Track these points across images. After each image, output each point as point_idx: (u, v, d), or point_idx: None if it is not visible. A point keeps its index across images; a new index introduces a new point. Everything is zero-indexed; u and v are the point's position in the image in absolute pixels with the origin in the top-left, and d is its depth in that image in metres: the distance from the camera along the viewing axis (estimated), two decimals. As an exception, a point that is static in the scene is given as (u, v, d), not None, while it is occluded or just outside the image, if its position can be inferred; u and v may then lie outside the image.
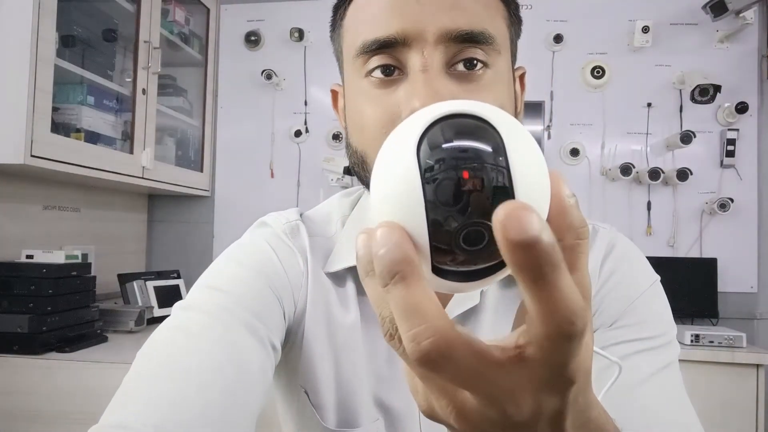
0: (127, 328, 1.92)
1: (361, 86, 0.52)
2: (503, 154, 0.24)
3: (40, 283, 1.60)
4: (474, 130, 0.25)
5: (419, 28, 0.47)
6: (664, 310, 0.60)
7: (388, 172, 0.26)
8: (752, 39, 2.40)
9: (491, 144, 0.25)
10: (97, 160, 1.87)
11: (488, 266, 0.26)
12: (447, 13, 0.48)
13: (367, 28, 0.50)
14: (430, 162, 0.25)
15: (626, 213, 2.45)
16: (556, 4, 2.53)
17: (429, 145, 0.25)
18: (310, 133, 2.65)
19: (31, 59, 1.57)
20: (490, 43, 0.49)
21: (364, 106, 0.51)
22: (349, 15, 0.53)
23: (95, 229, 2.33)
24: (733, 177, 2.39)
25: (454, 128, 0.25)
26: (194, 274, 2.93)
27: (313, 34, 2.65)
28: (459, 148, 0.25)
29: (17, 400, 1.51)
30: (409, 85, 0.48)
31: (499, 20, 0.52)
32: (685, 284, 2.33)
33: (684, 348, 2.01)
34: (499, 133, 0.25)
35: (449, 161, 0.24)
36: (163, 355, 0.47)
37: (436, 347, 0.23)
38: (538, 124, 2.47)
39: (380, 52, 0.49)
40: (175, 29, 2.46)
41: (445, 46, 0.48)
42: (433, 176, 0.24)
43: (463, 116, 0.26)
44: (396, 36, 0.48)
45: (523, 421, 0.25)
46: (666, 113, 2.45)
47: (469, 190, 0.24)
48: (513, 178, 0.24)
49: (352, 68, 0.53)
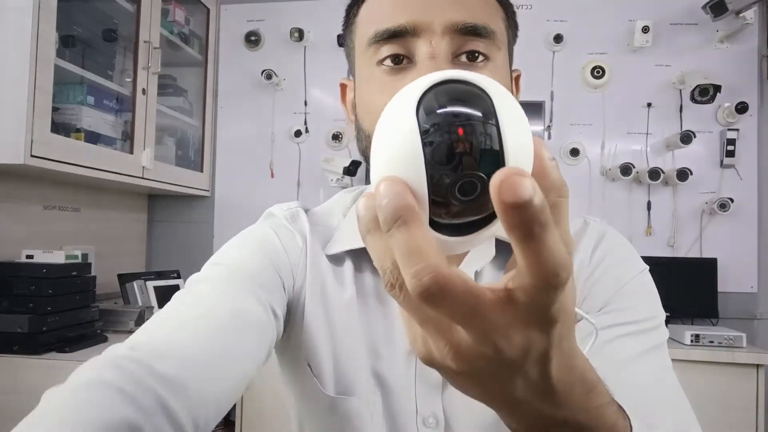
0: (127, 328, 1.91)
1: (372, 73, 0.55)
2: (494, 116, 0.27)
3: (40, 283, 1.60)
4: (470, 94, 0.28)
5: (428, 20, 0.52)
6: (652, 296, 0.62)
7: (390, 133, 0.28)
8: (752, 39, 2.40)
9: (485, 106, 0.27)
10: (97, 160, 1.88)
11: (479, 219, 0.29)
12: (453, 8, 0.52)
13: (379, 20, 0.54)
14: (429, 122, 0.27)
15: (626, 213, 2.45)
16: (556, 4, 2.53)
17: (428, 108, 0.27)
18: (310, 133, 2.65)
19: (31, 59, 1.57)
20: (492, 37, 0.53)
21: (375, 91, 0.55)
22: (362, 12, 0.58)
23: (95, 229, 2.33)
24: (733, 177, 2.39)
25: (452, 92, 0.28)
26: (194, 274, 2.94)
27: (313, 34, 2.65)
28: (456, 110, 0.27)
29: (17, 400, 1.51)
30: (418, 72, 0.52)
31: (499, 20, 0.57)
32: (685, 284, 2.33)
33: (684, 348, 2.01)
34: (491, 98, 0.28)
35: (448, 120, 0.27)
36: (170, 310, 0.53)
37: (435, 282, 0.25)
38: (538, 124, 2.47)
39: (391, 41, 0.53)
40: (175, 29, 2.46)
41: (450, 38, 0.52)
42: (431, 137, 0.27)
43: (460, 82, 0.29)
44: (406, 26, 0.52)
45: (514, 357, 0.28)
46: (666, 113, 2.45)
47: (465, 146, 0.27)
48: (503, 138, 0.27)
49: (364, 57, 0.56)
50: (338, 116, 2.64)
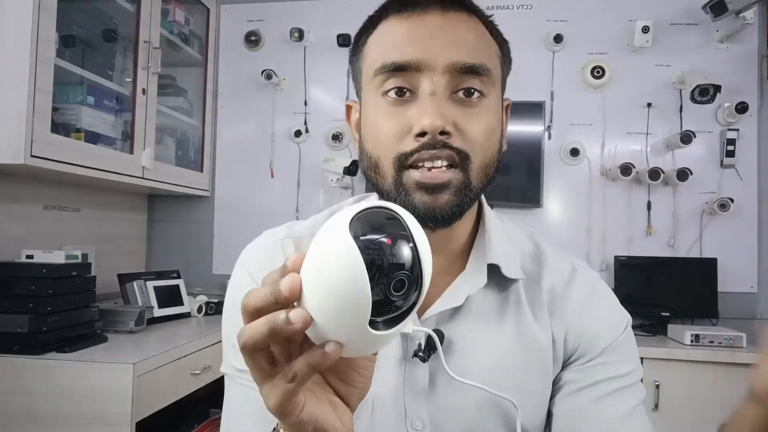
0: (127, 328, 1.91)
1: (378, 102, 0.60)
2: (410, 234, 0.37)
3: (40, 283, 1.59)
4: (389, 218, 0.38)
5: (430, 59, 0.56)
6: (635, 349, 0.69)
7: (328, 254, 0.36)
8: (752, 39, 2.40)
9: (402, 227, 0.38)
10: (97, 160, 1.87)
11: (403, 312, 0.38)
12: (454, 48, 0.57)
13: (386, 53, 0.58)
14: (365, 242, 0.35)
15: (626, 213, 2.45)
16: (556, 4, 2.53)
17: (361, 231, 0.36)
18: (310, 133, 2.65)
19: (31, 59, 1.57)
20: (488, 75, 0.58)
21: (380, 119, 0.59)
22: (371, 42, 0.62)
23: (95, 229, 2.33)
24: (733, 177, 2.39)
25: (377, 217, 0.37)
26: (194, 274, 2.92)
27: (313, 34, 2.65)
28: (383, 232, 0.37)
29: (17, 400, 1.51)
30: (419, 105, 0.57)
31: (494, 58, 0.61)
32: (685, 284, 2.33)
33: (684, 348, 2.01)
34: (405, 221, 0.38)
35: (380, 239, 0.36)
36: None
37: None
38: (539, 124, 2.47)
39: (396, 74, 0.58)
40: (175, 29, 2.46)
41: (450, 75, 0.57)
42: (369, 254, 0.35)
43: (382, 209, 0.38)
44: (411, 62, 0.57)
45: None
46: (666, 113, 2.45)
47: (394, 256, 0.36)
48: (418, 249, 0.37)
49: (371, 86, 0.61)
50: (338, 116, 2.64)
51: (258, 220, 2.61)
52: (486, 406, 0.62)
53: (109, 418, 1.48)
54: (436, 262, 0.65)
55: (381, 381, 0.62)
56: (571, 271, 0.69)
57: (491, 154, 0.60)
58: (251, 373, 0.40)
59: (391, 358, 0.63)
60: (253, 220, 2.64)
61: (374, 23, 0.62)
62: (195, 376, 1.83)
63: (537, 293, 0.66)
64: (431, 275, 0.39)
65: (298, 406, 0.40)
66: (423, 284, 0.37)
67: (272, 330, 0.36)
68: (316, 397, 0.42)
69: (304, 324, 0.36)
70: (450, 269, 0.65)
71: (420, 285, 0.37)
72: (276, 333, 0.37)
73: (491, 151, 0.60)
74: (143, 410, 1.56)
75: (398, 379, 0.62)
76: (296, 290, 0.37)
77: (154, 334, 1.96)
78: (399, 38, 0.58)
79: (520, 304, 0.65)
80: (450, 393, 0.62)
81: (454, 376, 0.53)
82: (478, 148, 0.58)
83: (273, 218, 2.78)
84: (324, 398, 0.43)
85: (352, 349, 0.38)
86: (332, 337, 0.37)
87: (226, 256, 2.68)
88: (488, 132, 0.59)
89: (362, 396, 0.45)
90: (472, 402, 0.62)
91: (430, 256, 0.38)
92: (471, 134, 0.57)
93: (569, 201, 2.51)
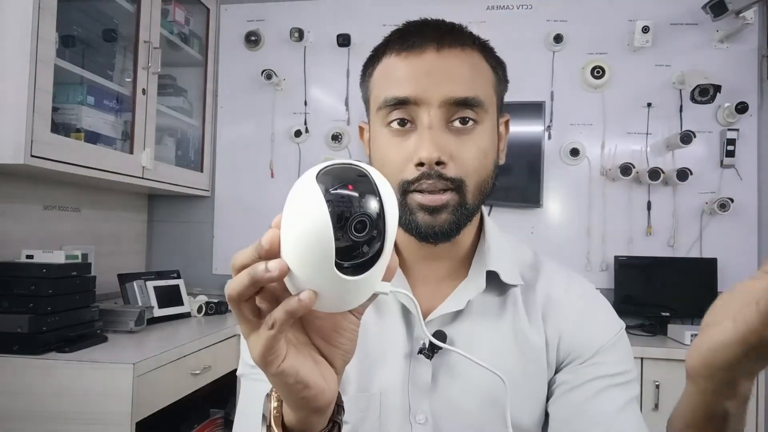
0: (127, 328, 1.91)
1: (383, 132, 0.68)
2: (373, 182, 0.40)
3: (40, 283, 1.59)
4: (353, 170, 0.40)
5: (427, 95, 0.64)
6: (630, 352, 0.72)
7: (296, 200, 0.39)
8: (752, 39, 2.40)
9: (366, 177, 0.40)
10: (97, 160, 1.87)
11: (370, 258, 0.39)
12: (448, 84, 0.64)
13: (388, 89, 0.66)
14: (330, 185, 0.38)
15: (626, 213, 2.45)
16: (556, 4, 2.53)
17: (326, 179, 0.39)
18: (310, 133, 2.65)
19: (31, 59, 1.57)
20: (480, 105, 0.65)
21: (385, 148, 0.67)
22: (377, 73, 0.69)
23: (95, 229, 2.34)
24: (733, 177, 2.39)
25: (340, 169, 0.40)
26: (194, 274, 2.93)
27: (313, 34, 2.65)
28: (347, 176, 0.39)
29: (17, 400, 1.51)
30: (418, 137, 0.64)
31: (488, 86, 0.68)
32: (685, 284, 2.33)
33: (684, 348, 2.01)
34: (369, 173, 0.40)
35: (343, 182, 0.39)
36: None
37: None
38: (539, 125, 2.47)
39: (398, 108, 0.65)
40: (175, 29, 2.46)
41: (445, 108, 0.64)
42: (332, 196, 0.38)
43: (347, 164, 0.40)
44: (409, 97, 0.64)
45: None
46: (666, 113, 2.45)
47: (356, 195, 0.39)
48: (379, 191, 0.40)
49: (376, 117, 0.68)
50: (338, 116, 2.64)
51: (258, 220, 2.61)
52: (485, 401, 0.66)
53: (109, 418, 1.49)
54: (442, 269, 0.72)
55: (388, 376, 0.68)
56: (567, 281, 0.74)
57: (485, 174, 0.67)
58: (240, 328, 0.43)
59: (398, 355, 0.68)
60: (253, 220, 2.64)
61: (379, 55, 0.70)
62: (195, 376, 1.83)
63: (533, 298, 0.71)
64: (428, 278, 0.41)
65: (279, 356, 0.42)
66: (387, 233, 0.40)
67: (252, 279, 0.39)
68: (299, 351, 0.44)
69: (280, 272, 0.39)
70: (455, 275, 0.72)
71: (383, 234, 0.39)
72: (256, 282, 0.39)
73: (485, 172, 0.67)
74: (143, 410, 1.56)
75: (404, 375, 0.68)
76: (275, 242, 0.40)
77: (154, 334, 1.96)
78: (400, 76, 0.66)
79: (516, 307, 0.70)
80: (451, 389, 0.67)
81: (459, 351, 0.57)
82: (473, 171, 0.65)
83: (273, 218, 2.78)
84: (306, 353, 0.45)
85: (327, 299, 0.41)
86: (307, 286, 0.40)
87: (226, 256, 2.68)
88: (482, 156, 0.66)
89: (346, 358, 0.47)
90: (472, 398, 0.67)
91: (396, 210, 0.40)
92: (465, 160, 0.64)
93: (569, 201, 2.51)
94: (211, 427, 2.20)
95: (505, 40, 2.49)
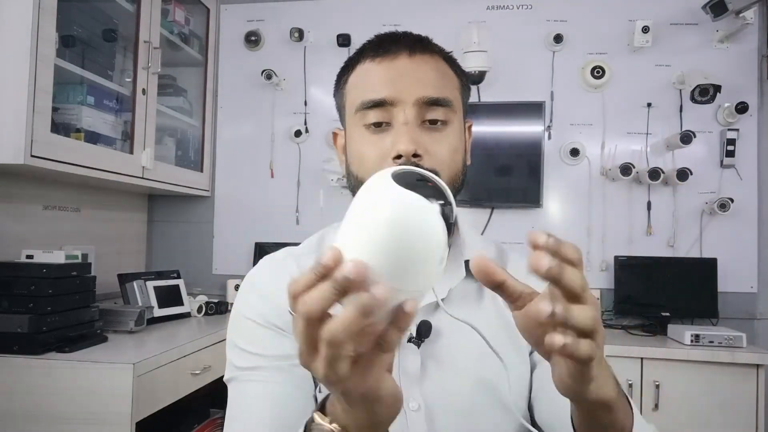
0: (127, 328, 1.91)
1: (361, 132, 0.72)
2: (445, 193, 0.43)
3: (40, 283, 1.60)
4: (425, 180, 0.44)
5: (402, 95, 0.69)
6: None
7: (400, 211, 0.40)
8: (752, 39, 2.40)
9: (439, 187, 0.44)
10: (97, 160, 1.87)
11: None
12: (420, 86, 0.70)
13: (365, 92, 0.71)
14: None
15: (626, 213, 2.45)
16: (556, 4, 2.53)
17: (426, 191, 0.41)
18: (310, 133, 2.65)
19: (31, 59, 1.57)
20: (449, 105, 0.71)
21: (363, 146, 0.72)
22: (352, 79, 0.75)
23: (95, 229, 2.33)
24: (733, 177, 2.39)
25: (417, 176, 0.43)
26: (194, 274, 2.92)
27: (313, 34, 2.65)
28: (439, 190, 0.43)
29: (17, 400, 1.51)
30: (395, 133, 0.69)
31: (456, 90, 0.75)
32: (685, 284, 2.33)
33: (684, 348, 2.01)
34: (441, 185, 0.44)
35: (441, 196, 0.42)
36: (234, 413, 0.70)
37: None
38: (539, 125, 2.47)
39: (374, 109, 0.70)
40: (175, 29, 2.46)
41: (419, 108, 0.70)
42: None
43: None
44: (386, 99, 0.70)
45: None
46: (666, 113, 2.45)
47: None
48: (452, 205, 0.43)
49: (354, 119, 0.73)
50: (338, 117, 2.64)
51: (258, 220, 2.61)
52: (477, 388, 0.68)
53: (109, 418, 1.48)
54: None
55: None
56: None
57: (457, 169, 0.72)
58: (301, 355, 0.40)
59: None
60: (253, 220, 2.64)
61: (353, 64, 0.75)
62: (195, 376, 1.83)
63: None
64: None
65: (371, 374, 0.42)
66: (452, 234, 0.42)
67: (335, 286, 0.36)
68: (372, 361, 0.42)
69: (360, 272, 0.36)
70: None
71: (451, 235, 0.42)
72: (339, 289, 0.36)
73: (457, 167, 0.72)
74: (143, 410, 1.56)
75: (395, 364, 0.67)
76: (338, 258, 0.37)
77: (154, 334, 1.96)
78: (376, 80, 0.71)
79: None
80: (442, 376, 0.69)
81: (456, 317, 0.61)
82: (446, 166, 0.70)
83: (273, 218, 2.80)
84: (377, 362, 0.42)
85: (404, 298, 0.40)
86: (398, 293, 0.38)
87: (226, 256, 2.68)
88: (453, 152, 0.71)
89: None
90: (463, 384, 0.69)
91: None
92: (439, 155, 0.69)
93: (569, 201, 2.51)
94: (211, 427, 2.20)
95: (505, 40, 2.50)
